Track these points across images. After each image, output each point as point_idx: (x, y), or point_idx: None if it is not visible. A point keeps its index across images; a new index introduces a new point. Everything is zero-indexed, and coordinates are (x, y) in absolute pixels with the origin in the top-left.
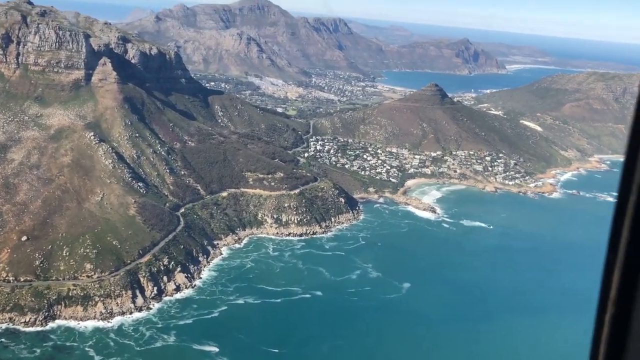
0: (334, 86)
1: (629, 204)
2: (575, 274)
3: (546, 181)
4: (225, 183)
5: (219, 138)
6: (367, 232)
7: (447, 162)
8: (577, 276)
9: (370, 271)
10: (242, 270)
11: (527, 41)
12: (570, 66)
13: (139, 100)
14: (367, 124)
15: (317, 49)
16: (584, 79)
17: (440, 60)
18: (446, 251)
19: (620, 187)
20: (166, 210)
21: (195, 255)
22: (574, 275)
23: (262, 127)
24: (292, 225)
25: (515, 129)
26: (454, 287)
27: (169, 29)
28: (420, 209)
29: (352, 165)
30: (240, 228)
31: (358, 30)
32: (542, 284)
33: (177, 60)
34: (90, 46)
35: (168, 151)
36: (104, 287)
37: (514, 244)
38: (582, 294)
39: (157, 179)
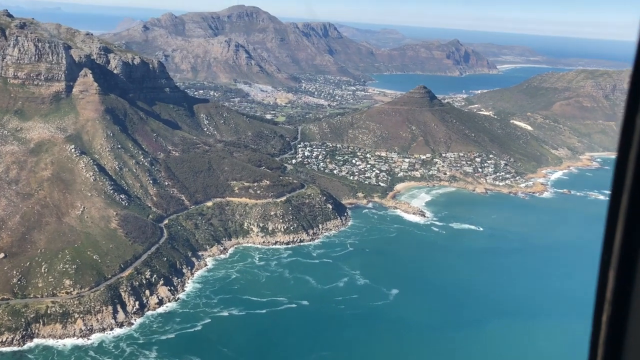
0: (324, 91)
1: (622, 202)
2: (564, 275)
3: (537, 181)
4: (210, 192)
5: (203, 147)
6: (355, 238)
7: (436, 164)
8: (565, 277)
9: (358, 278)
10: (227, 281)
11: (519, 41)
12: (561, 64)
13: (121, 111)
14: (356, 128)
15: (307, 54)
16: (574, 77)
17: (431, 62)
18: (435, 255)
19: (613, 186)
20: (149, 222)
21: (179, 267)
22: (563, 277)
23: (249, 134)
24: (279, 234)
25: (506, 129)
26: (442, 292)
27: (157, 38)
28: (410, 212)
29: (340, 170)
30: (225, 238)
31: (350, 34)
32: (531, 287)
33: (161, 69)
34: (70, 57)
35: (151, 162)
36: (84, 303)
37: (503, 246)
38: (571, 296)
39: (140, 191)
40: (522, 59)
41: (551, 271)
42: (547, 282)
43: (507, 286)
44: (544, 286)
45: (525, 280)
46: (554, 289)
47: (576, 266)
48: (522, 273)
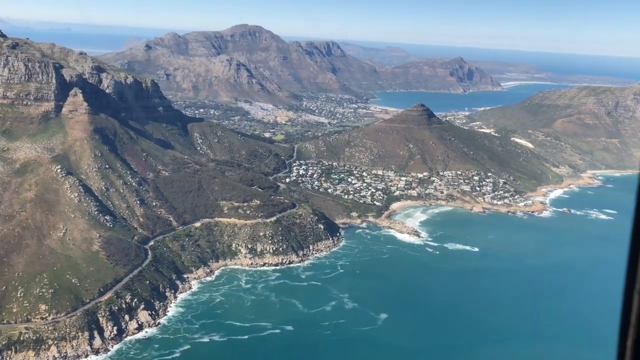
0: (325, 109)
1: None
2: (559, 298)
3: (536, 199)
4: (199, 213)
5: (194, 166)
6: (346, 260)
7: (433, 183)
8: (560, 301)
9: (347, 302)
10: (211, 305)
11: (524, 58)
12: (566, 81)
13: (111, 130)
14: (353, 146)
15: (309, 73)
16: (575, 94)
17: (434, 80)
18: (427, 277)
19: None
20: (133, 244)
21: (162, 290)
22: (558, 300)
23: (243, 153)
24: (267, 255)
25: (506, 147)
26: (432, 315)
27: (159, 57)
28: (404, 232)
29: (335, 189)
30: (212, 260)
31: (355, 52)
32: (523, 310)
33: (154, 88)
34: (61, 77)
35: (140, 182)
36: (59, 329)
37: (497, 267)
38: (564, 321)
39: (126, 212)
40: (526, 76)
41: (544, 294)
42: (540, 305)
43: (499, 309)
44: (536, 309)
45: (517, 303)
46: (546, 313)
47: (571, 289)
48: (515, 296)
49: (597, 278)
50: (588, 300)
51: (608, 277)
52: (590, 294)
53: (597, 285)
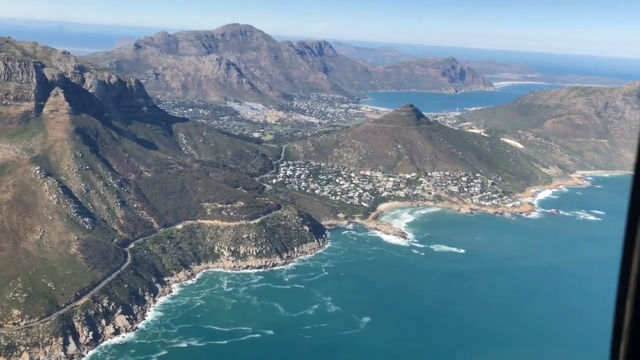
0: (316, 109)
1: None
2: (545, 300)
3: (524, 200)
4: (181, 215)
5: (178, 167)
6: (331, 262)
7: (421, 183)
8: (547, 303)
9: (329, 305)
10: (191, 309)
11: (517, 58)
12: (558, 81)
13: (92, 131)
14: (341, 147)
15: (301, 72)
16: (566, 95)
17: (426, 80)
18: (411, 279)
19: (629, 215)
20: (112, 247)
21: (141, 294)
22: (544, 302)
23: (229, 153)
24: (251, 258)
25: (495, 147)
26: (415, 318)
27: (148, 57)
28: (390, 234)
29: (322, 190)
30: (194, 263)
31: (348, 52)
32: (507, 313)
33: (139, 88)
34: (42, 76)
35: (121, 183)
36: (32, 334)
37: (482, 269)
38: (552, 322)
39: (106, 213)
40: (519, 76)
41: (531, 296)
42: (526, 307)
43: (485, 311)
44: (522, 311)
45: (503, 305)
46: (532, 315)
47: (558, 291)
48: (500, 298)
49: (584, 280)
50: (575, 302)
51: (595, 278)
52: (577, 295)
53: (584, 286)
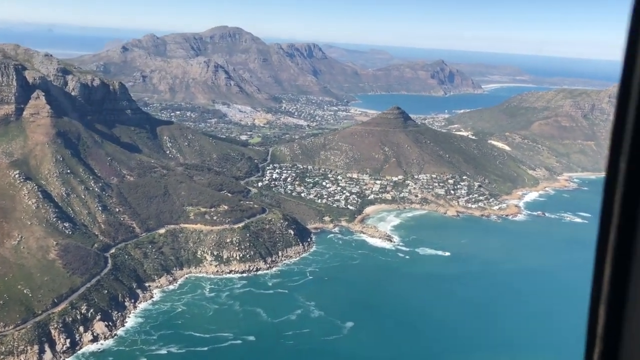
0: (305, 111)
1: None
2: (531, 303)
3: (511, 203)
4: (164, 219)
5: (161, 171)
6: (316, 266)
7: (408, 186)
8: (532, 306)
9: (313, 310)
10: (172, 315)
11: (506, 60)
12: (547, 84)
13: (74, 134)
14: (328, 149)
15: (290, 75)
16: (553, 97)
17: (415, 82)
18: (396, 283)
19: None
20: (92, 252)
21: (121, 300)
22: (529, 305)
23: (214, 156)
24: (234, 262)
25: (482, 150)
26: (398, 323)
27: (136, 59)
28: (376, 237)
29: (309, 193)
30: (176, 268)
31: (339, 55)
32: (496, 317)
33: (122, 90)
34: (23, 79)
35: (103, 187)
36: (6, 343)
37: (469, 272)
38: (537, 326)
39: (87, 218)
40: (508, 78)
41: (516, 299)
42: (511, 311)
43: (469, 315)
44: (508, 315)
45: (488, 309)
46: (517, 318)
47: (542, 294)
48: (485, 301)
49: (569, 282)
50: (559, 305)
51: (581, 281)
52: (561, 298)
53: (568, 289)
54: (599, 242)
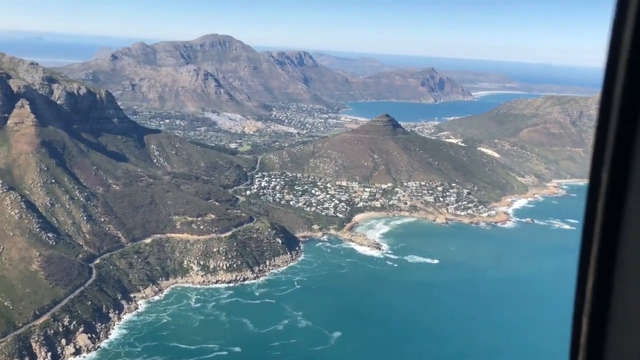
0: (295, 119)
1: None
2: (518, 311)
3: (500, 210)
4: (150, 229)
5: (148, 180)
6: (304, 275)
7: (397, 194)
8: (520, 314)
9: (300, 320)
10: (157, 326)
11: (495, 68)
12: (536, 91)
13: (59, 143)
14: (317, 157)
15: (280, 83)
16: (541, 104)
17: (405, 90)
18: (384, 292)
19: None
20: (77, 263)
21: (105, 311)
22: (517, 313)
23: (202, 165)
24: (221, 272)
25: (472, 157)
26: (386, 332)
27: (125, 68)
28: (365, 245)
29: (297, 201)
30: (162, 278)
31: (329, 62)
32: (484, 325)
33: (109, 99)
34: (8, 88)
35: (88, 197)
36: None
37: (457, 280)
38: (525, 334)
39: (71, 228)
40: (498, 85)
41: (504, 307)
42: (499, 319)
43: (457, 323)
44: (496, 323)
45: (476, 317)
46: (505, 326)
47: (530, 301)
48: (473, 309)
49: (557, 290)
50: (549, 313)
51: (569, 289)
52: (550, 306)
53: (557, 297)
54: (582, 254)
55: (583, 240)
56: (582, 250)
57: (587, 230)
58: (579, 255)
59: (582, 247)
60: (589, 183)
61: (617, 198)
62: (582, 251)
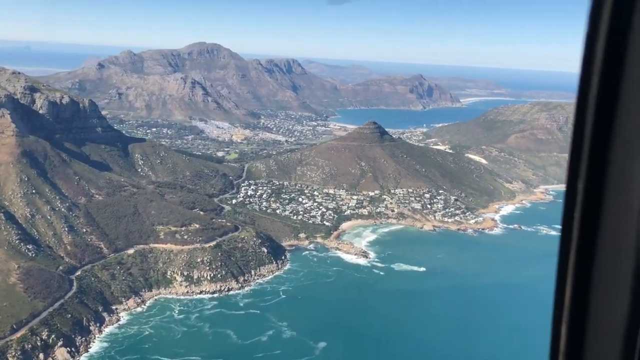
0: (283, 127)
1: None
2: (500, 319)
3: (487, 216)
4: (133, 239)
5: (131, 189)
6: (289, 285)
7: (384, 201)
8: (506, 321)
9: (285, 330)
10: (138, 338)
11: (484, 74)
12: (525, 97)
13: (41, 153)
14: (305, 165)
15: (269, 90)
16: (528, 110)
17: (394, 97)
18: (370, 300)
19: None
20: (57, 275)
21: (86, 324)
22: (498, 322)
23: (187, 174)
24: (205, 283)
25: (459, 163)
26: (372, 341)
27: (112, 76)
28: (352, 253)
29: (284, 209)
30: (145, 289)
31: (319, 70)
32: (470, 333)
33: (92, 108)
34: None
35: (70, 207)
36: None
37: (443, 288)
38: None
39: (52, 239)
40: (486, 92)
41: (485, 314)
42: (480, 326)
43: (443, 331)
44: (477, 331)
45: (462, 325)
46: (485, 334)
47: (516, 308)
48: (459, 316)
49: (544, 296)
50: (536, 319)
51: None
52: (537, 312)
53: (544, 303)
54: (560, 263)
55: (561, 248)
56: (560, 258)
57: (564, 238)
58: (557, 264)
59: (560, 255)
60: (565, 192)
61: (592, 210)
62: (560, 259)
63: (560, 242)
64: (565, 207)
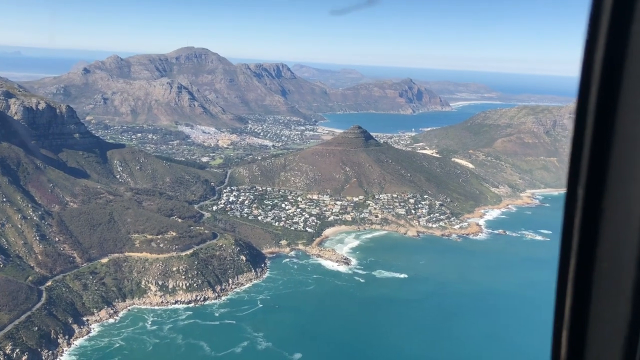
0: (271, 131)
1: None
2: (480, 326)
3: (472, 221)
4: (108, 248)
5: (107, 197)
6: (268, 293)
7: (369, 207)
8: (488, 327)
9: (260, 341)
10: (108, 351)
11: (475, 78)
12: (515, 100)
13: (13, 160)
14: (288, 170)
15: (257, 95)
16: (516, 114)
17: (384, 101)
18: (349, 309)
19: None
20: (25, 286)
21: (54, 337)
22: (478, 329)
23: (167, 180)
24: (180, 292)
25: (445, 168)
26: (350, 351)
27: (97, 81)
28: (333, 260)
29: (266, 216)
30: (119, 299)
31: (310, 74)
32: (451, 341)
33: (70, 114)
34: None
35: (42, 215)
36: None
37: (425, 295)
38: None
39: (22, 249)
40: (476, 96)
41: (466, 322)
42: (460, 334)
43: (423, 340)
44: (456, 338)
45: (439, 333)
46: (465, 342)
47: (499, 314)
48: (441, 324)
49: (527, 302)
50: (519, 326)
51: (538, 301)
52: (521, 319)
53: (527, 310)
54: (560, 270)
55: (561, 254)
56: (561, 264)
57: (565, 244)
58: (558, 270)
59: (560, 261)
60: (565, 198)
61: (592, 217)
62: (561, 265)
63: (560, 248)
64: (565, 213)
